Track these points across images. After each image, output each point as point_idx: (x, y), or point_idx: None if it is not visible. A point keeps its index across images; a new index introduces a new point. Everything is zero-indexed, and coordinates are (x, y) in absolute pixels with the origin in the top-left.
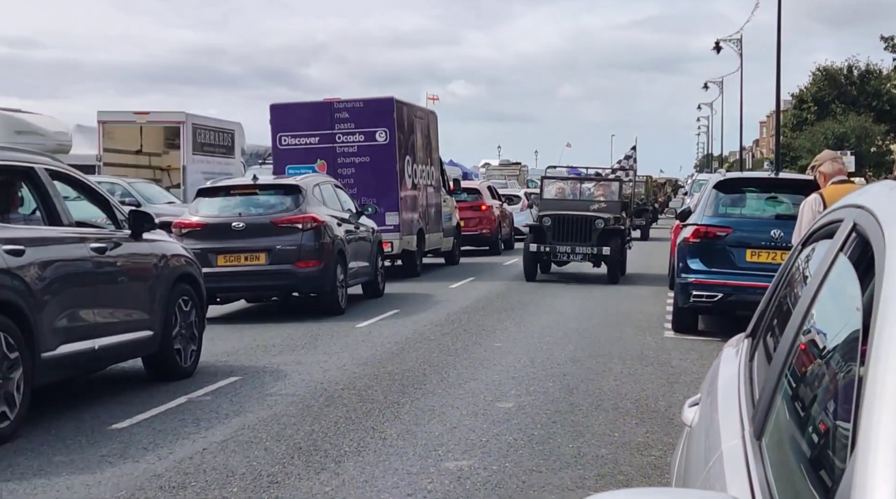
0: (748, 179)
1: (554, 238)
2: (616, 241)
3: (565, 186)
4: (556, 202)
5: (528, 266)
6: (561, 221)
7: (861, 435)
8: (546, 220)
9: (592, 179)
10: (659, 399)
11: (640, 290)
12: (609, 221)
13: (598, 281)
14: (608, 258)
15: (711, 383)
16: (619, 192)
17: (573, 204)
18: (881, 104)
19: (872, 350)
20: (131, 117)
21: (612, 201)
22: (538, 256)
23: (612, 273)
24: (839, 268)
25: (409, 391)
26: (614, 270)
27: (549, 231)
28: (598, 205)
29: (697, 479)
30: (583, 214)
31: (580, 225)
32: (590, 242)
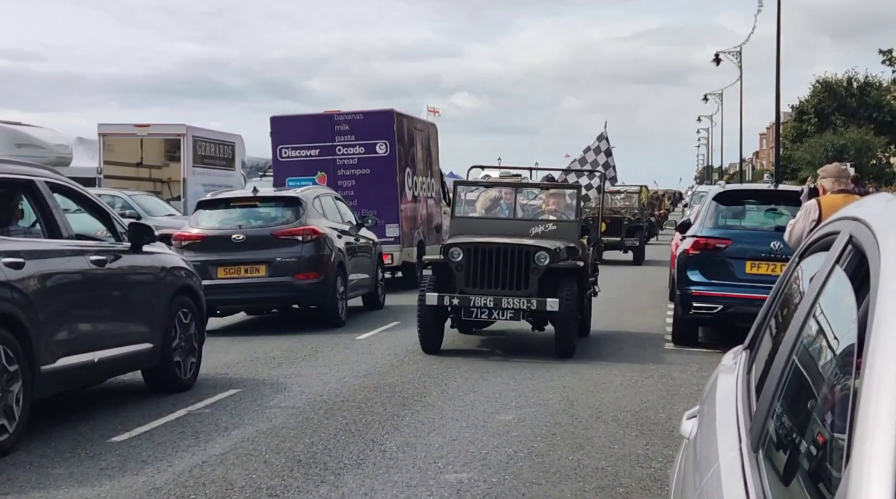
0: (748, 191)
1: (468, 283)
2: (568, 286)
3: (496, 196)
4: (475, 224)
5: (426, 330)
6: (479, 254)
7: (855, 447)
8: (455, 252)
9: (533, 186)
10: (659, 411)
11: (639, 301)
12: (558, 254)
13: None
14: (556, 317)
15: (709, 395)
16: (576, 205)
17: (503, 226)
18: (881, 116)
19: (867, 363)
20: (132, 130)
21: (566, 222)
22: (442, 314)
23: (564, 339)
24: (835, 280)
25: (409, 404)
26: (566, 335)
27: (460, 271)
28: (544, 227)
29: (695, 491)
30: (515, 244)
31: (510, 261)
32: (525, 288)
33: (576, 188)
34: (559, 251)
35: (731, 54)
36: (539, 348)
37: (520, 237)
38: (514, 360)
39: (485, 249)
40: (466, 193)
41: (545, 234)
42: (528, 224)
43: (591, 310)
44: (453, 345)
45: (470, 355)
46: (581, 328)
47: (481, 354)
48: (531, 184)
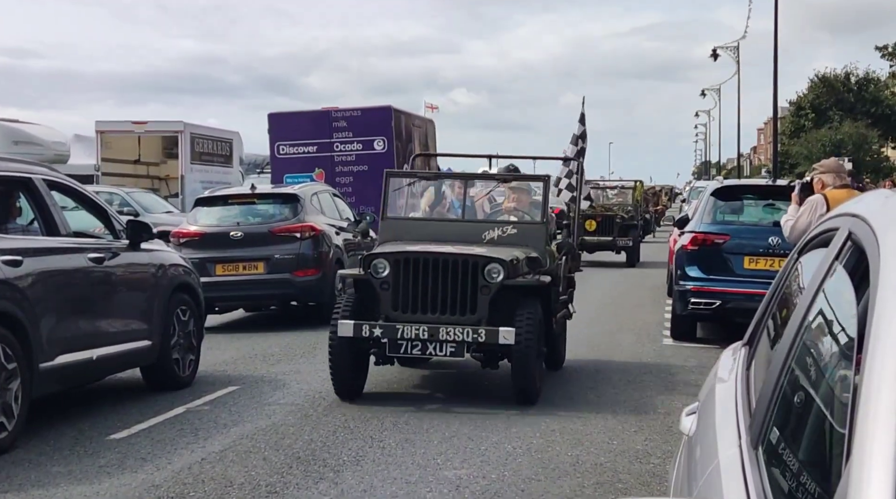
0: (746, 186)
1: (396, 306)
2: (529, 310)
3: (442, 190)
4: (412, 227)
5: (340, 370)
6: (410, 268)
7: (856, 443)
8: (379, 266)
9: (489, 178)
10: (658, 407)
11: (637, 297)
12: (516, 267)
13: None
14: (512, 351)
15: (709, 391)
16: (543, 202)
17: (449, 230)
18: (879, 111)
19: (867, 359)
20: (129, 127)
21: (529, 225)
22: (361, 348)
23: (523, 380)
24: (835, 277)
25: (408, 400)
26: (526, 375)
27: (385, 291)
28: (501, 231)
29: (695, 488)
30: (459, 254)
31: (453, 277)
32: (472, 313)
33: (542, 180)
34: (517, 263)
35: (728, 50)
36: None
37: (469, 244)
38: None
39: (418, 261)
40: (402, 187)
41: (502, 240)
42: (481, 227)
43: (564, 337)
44: None
45: None
46: (551, 360)
47: None
48: (485, 176)
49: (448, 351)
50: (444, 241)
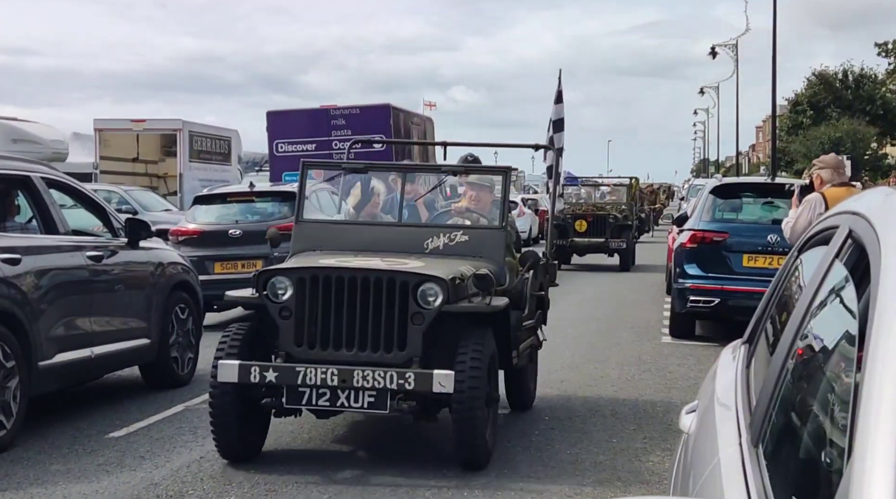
0: (745, 184)
1: (300, 340)
2: (476, 345)
3: (371, 185)
4: (332, 233)
5: (223, 426)
6: (319, 290)
7: (857, 442)
8: (279, 286)
9: (434, 170)
10: (657, 405)
11: (637, 294)
12: (459, 288)
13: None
14: (454, 402)
15: (708, 389)
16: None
17: (382, 238)
18: (876, 109)
19: (868, 357)
20: (128, 125)
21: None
22: (252, 397)
23: (465, 438)
24: (835, 274)
25: None
26: (469, 432)
27: (286, 319)
28: (448, 239)
29: (694, 486)
30: (384, 271)
31: (374, 302)
32: (400, 349)
33: (502, 173)
34: (462, 282)
35: (727, 47)
36: None
37: (403, 257)
38: None
39: (329, 279)
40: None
41: (450, 249)
42: (422, 233)
43: (534, 370)
44: None
45: None
46: (516, 401)
47: None
48: (429, 167)
49: (365, 402)
50: (374, 251)
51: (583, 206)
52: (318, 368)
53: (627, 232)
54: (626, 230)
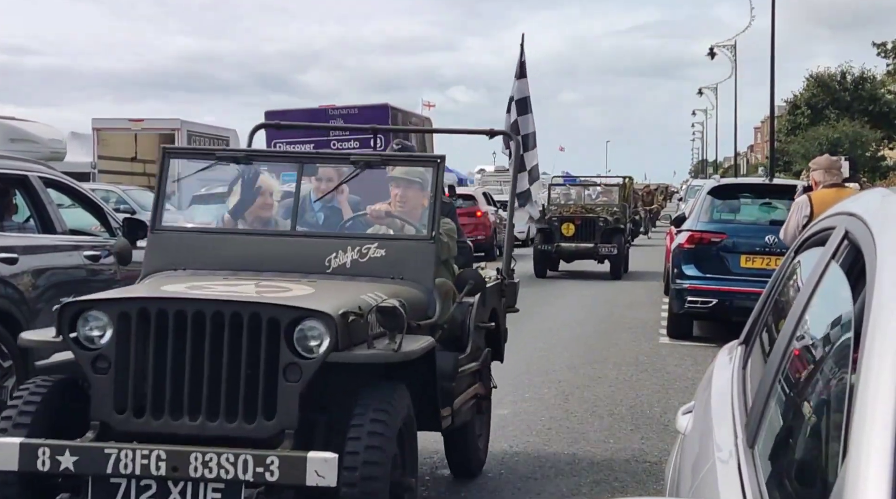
0: (743, 184)
1: (122, 404)
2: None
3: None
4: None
5: None
6: (147, 333)
7: (852, 442)
8: (94, 324)
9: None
10: (654, 405)
11: (635, 295)
12: (353, 325)
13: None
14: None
15: (705, 390)
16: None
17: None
18: (876, 109)
19: (864, 358)
20: (126, 124)
21: (408, 243)
22: (45, 486)
23: None
24: (831, 276)
25: None
26: None
27: (102, 375)
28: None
29: (690, 487)
30: (248, 303)
31: (232, 346)
32: (267, 418)
33: (432, 164)
34: (360, 319)
35: (725, 48)
36: (531, 347)
37: (290, 280)
38: (509, 355)
39: (165, 316)
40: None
41: (358, 269)
42: (323, 247)
43: (484, 430)
44: None
45: None
46: (461, 468)
47: None
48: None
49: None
50: (259, 270)
51: (571, 207)
52: (139, 451)
53: (619, 236)
54: (617, 234)
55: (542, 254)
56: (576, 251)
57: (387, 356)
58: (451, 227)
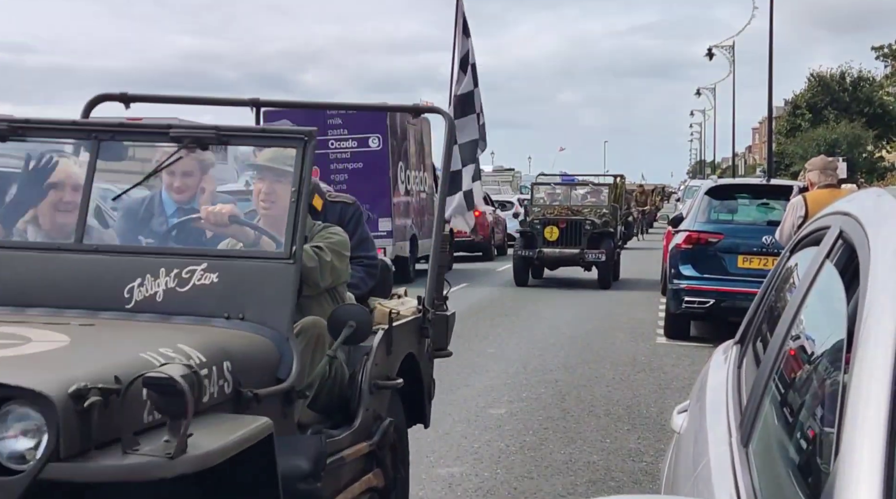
0: (740, 185)
1: None
2: None
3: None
4: None
5: None
6: None
7: (844, 442)
8: None
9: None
10: (651, 405)
11: (632, 295)
12: (91, 419)
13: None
14: None
15: (700, 389)
16: (294, 210)
17: (54, 274)
18: (873, 110)
19: (856, 358)
20: None
21: (256, 263)
22: None
23: None
24: (825, 275)
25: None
26: None
27: None
28: (173, 282)
29: (685, 486)
30: None
31: None
32: None
33: (298, 142)
34: (118, 397)
35: (724, 48)
36: (528, 346)
37: (44, 323)
38: (507, 354)
39: None
40: None
41: (175, 303)
42: (128, 268)
43: None
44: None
45: (461, 350)
46: None
47: (473, 348)
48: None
49: None
50: (17, 304)
51: (555, 208)
52: None
53: (608, 241)
54: (606, 239)
55: (522, 260)
56: (560, 257)
57: (148, 468)
58: (341, 239)
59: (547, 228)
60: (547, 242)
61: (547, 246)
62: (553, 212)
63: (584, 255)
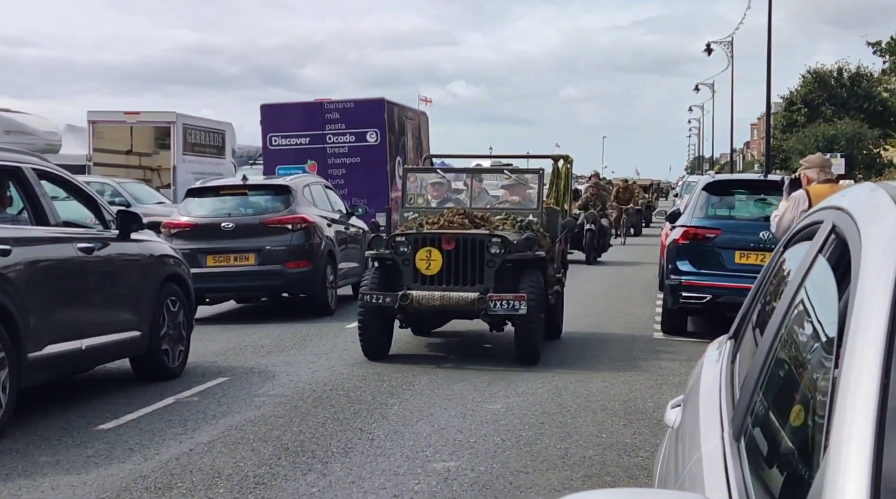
0: (737, 180)
1: None
2: None
3: None
4: None
5: None
6: None
7: (833, 435)
8: None
9: None
10: (647, 400)
11: (629, 291)
12: None
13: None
14: None
15: (693, 384)
16: None
17: None
18: (872, 107)
19: (846, 352)
20: (121, 117)
21: None
22: None
23: None
24: (818, 270)
25: (397, 392)
26: None
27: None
28: None
29: (677, 480)
30: None
31: None
32: None
33: None
34: None
35: (722, 44)
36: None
37: None
38: (504, 351)
39: None
40: None
41: None
42: None
43: None
44: (442, 334)
45: (459, 345)
46: None
47: (470, 344)
48: None
49: None
50: None
51: (445, 214)
52: None
53: (534, 276)
54: (530, 272)
55: (373, 314)
56: (442, 308)
57: None
58: None
59: (421, 253)
60: (421, 278)
61: (419, 285)
62: (437, 222)
63: (486, 303)
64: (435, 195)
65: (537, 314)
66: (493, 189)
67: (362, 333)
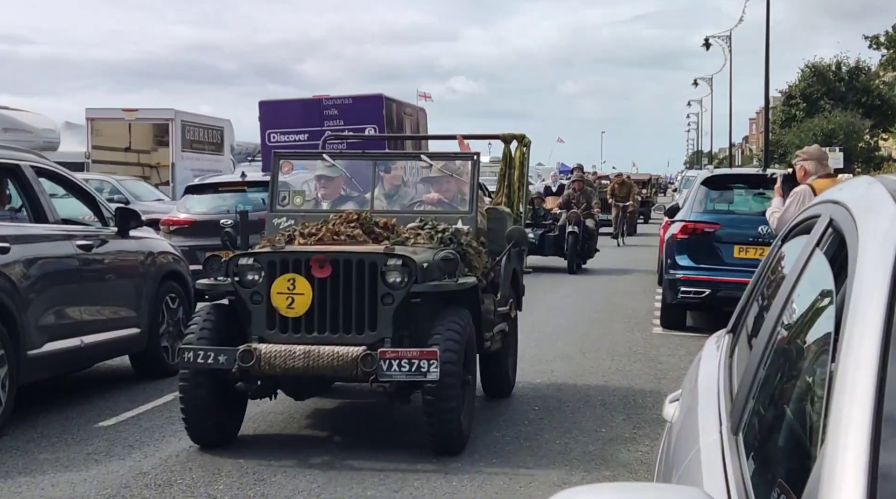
0: (736, 175)
1: None
2: None
3: None
4: None
5: None
6: None
7: (830, 429)
8: None
9: None
10: (647, 395)
11: (628, 285)
12: None
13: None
14: None
15: (692, 378)
16: None
17: None
18: (870, 100)
19: (842, 347)
20: (120, 114)
21: None
22: None
23: None
24: (815, 264)
25: None
26: None
27: None
28: None
29: (676, 474)
30: None
31: None
32: None
33: None
34: None
35: (721, 38)
36: (525, 336)
37: None
38: None
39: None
40: None
41: None
42: None
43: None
44: None
45: None
46: None
47: None
48: None
49: None
50: None
51: (328, 222)
52: None
53: (456, 319)
54: (451, 312)
55: (199, 381)
56: (306, 370)
57: None
58: None
59: (279, 284)
60: (280, 323)
61: (280, 333)
62: (313, 235)
63: (375, 363)
64: (325, 194)
65: (456, 381)
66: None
67: (185, 409)
